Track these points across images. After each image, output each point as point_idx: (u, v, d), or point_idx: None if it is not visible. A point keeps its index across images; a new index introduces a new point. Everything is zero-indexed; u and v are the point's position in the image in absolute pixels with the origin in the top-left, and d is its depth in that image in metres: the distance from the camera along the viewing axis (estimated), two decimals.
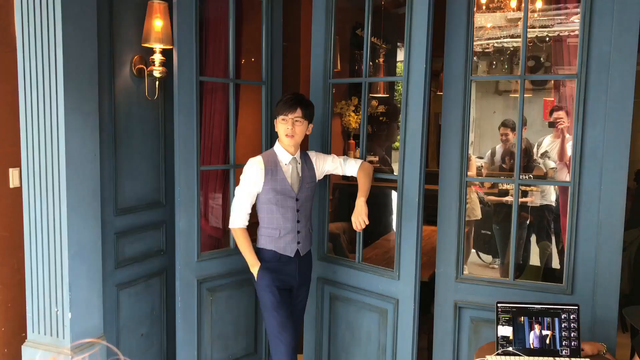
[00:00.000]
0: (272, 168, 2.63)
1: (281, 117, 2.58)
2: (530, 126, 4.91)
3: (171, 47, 2.92)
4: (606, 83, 2.39)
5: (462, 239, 2.72)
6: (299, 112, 2.58)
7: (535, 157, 4.16)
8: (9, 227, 2.98)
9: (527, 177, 4.01)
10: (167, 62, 2.99)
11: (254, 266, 2.67)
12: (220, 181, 3.41)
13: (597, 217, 2.45)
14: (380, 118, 6.15)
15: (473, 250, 4.53)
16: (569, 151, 2.60)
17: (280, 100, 2.64)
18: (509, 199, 4.24)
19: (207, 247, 3.30)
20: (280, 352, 2.61)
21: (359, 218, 2.54)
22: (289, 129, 2.59)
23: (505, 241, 4.24)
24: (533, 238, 4.24)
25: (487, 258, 4.57)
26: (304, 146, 2.81)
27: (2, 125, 2.92)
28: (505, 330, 2.30)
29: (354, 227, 2.58)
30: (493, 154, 4.48)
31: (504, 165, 4.30)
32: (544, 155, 4.14)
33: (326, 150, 3.01)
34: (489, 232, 4.47)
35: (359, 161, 2.82)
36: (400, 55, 6.19)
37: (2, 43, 2.91)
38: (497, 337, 2.30)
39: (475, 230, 4.49)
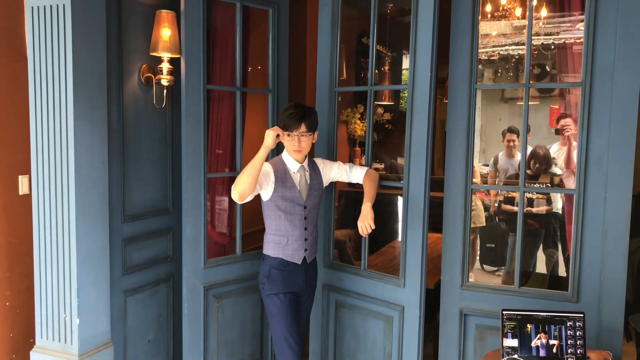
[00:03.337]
0: (282, 176, 2.64)
1: (286, 133, 2.59)
2: (536, 133, 4.90)
3: (179, 55, 2.95)
4: (611, 91, 2.40)
5: (468, 246, 2.72)
6: (303, 128, 2.58)
7: (549, 164, 4.13)
8: (18, 234, 3.01)
9: (536, 184, 4.01)
10: (174, 71, 3.03)
11: (268, 139, 2.46)
12: (227, 188, 3.43)
13: (602, 225, 2.45)
14: (386, 125, 6.17)
15: (478, 258, 4.52)
16: (575, 158, 2.60)
17: (284, 113, 2.61)
18: (514, 207, 4.23)
19: (214, 253, 3.32)
20: (286, 358, 2.62)
21: (365, 223, 2.54)
22: (296, 145, 2.60)
23: (511, 249, 4.23)
24: (540, 245, 4.22)
25: (493, 266, 4.55)
26: (310, 153, 2.83)
27: (12, 133, 2.97)
28: (511, 338, 2.30)
29: (360, 232, 2.58)
30: (496, 161, 4.47)
31: (519, 172, 4.27)
32: (552, 162, 4.14)
33: (332, 157, 3.03)
34: (495, 240, 4.46)
35: (365, 168, 2.84)
36: (406, 63, 6.22)
37: (13, 52, 2.96)
38: (503, 345, 2.30)
39: (480, 238, 4.48)
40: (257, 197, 2.65)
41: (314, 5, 3.31)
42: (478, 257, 4.48)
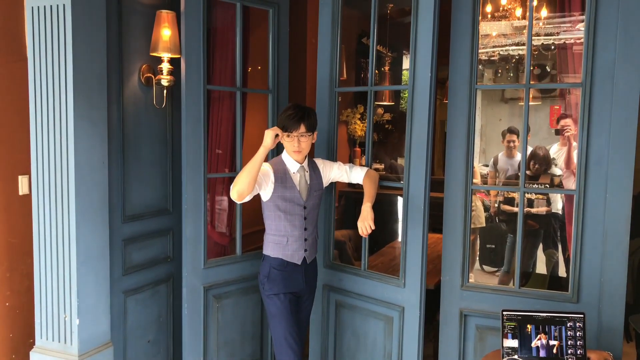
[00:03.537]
0: (282, 176, 2.64)
1: (286, 133, 2.59)
2: (536, 134, 4.90)
3: (179, 56, 2.95)
4: (611, 91, 2.40)
5: (468, 246, 2.72)
6: (303, 128, 2.58)
7: (549, 164, 4.13)
8: (18, 234, 3.01)
9: (537, 185, 4.00)
10: (174, 71, 3.03)
11: (267, 139, 2.47)
12: (227, 189, 3.43)
13: (602, 226, 2.45)
14: (386, 126, 6.18)
15: (478, 258, 4.52)
16: (576, 159, 2.60)
17: (283, 114, 2.61)
18: (513, 207, 4.23)
19: (214, 254, 3.32)
20: (286, 358, 2.62)
21: (365, 223, 2.54)
22: (296, 145, 2.60)
23: (511, 249, 4.23)
24: (539, 246, 4.22)
25: (493, 267, 4.55)
26: (310, 153, 2.82)
27: (12, 133, 2.97)
28: (511, 338, 2.30)
29: (360, 232, 2.58)
30: (495, 162, 4.46)
31: (518, 173, 4.27)
32: (552, 162, 4.14)
33: (332, 158, 3.03)
34: (495, 240, 4.46)
35: (365, 168, 2.84)
36: (406, 64, 6.22)
37: (12, 52, 2.96)
38: (503, 345, 2.30)
39: (480, 239, 4.48)
40: (257, 197, 2.65)
41: (314, 6, 3.31)
42: (478, 258, 4.48)
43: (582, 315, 2.28)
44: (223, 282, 3.17)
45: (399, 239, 2.91)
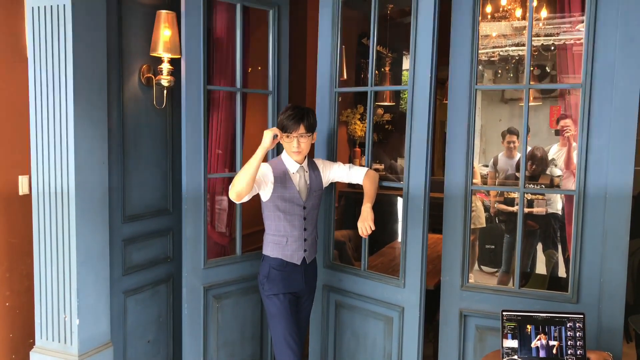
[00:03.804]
0: (281, 176, 2.64)
1: (285, 134, 2.59)
2: (536, 134, 4.90)
3: (179, 56, 2.96)
4: (611, 92, 2.39)
5: (468, 247, 2.72)
6: (302, 129, 2.58)
7: (546, 165, 4.14)
8: (18, 234, 3.01)
9: (534, 185, 4.01)
10: (175, 71, 3.03)
11: (266, 140, 2.47)
12: (227, 189, 3.42)
13: (602, 226, 2.45)
14: (386, 126, 6.18)
15: (478, 259, 4.52)
16: (575, 159, 2.60)
17: (282, 114, 2.61)
18: (514, 208, 4.23)
19: (214, 254, 3.32)
20: (286, 359, 2.62)
21: (365, 224, 2.55)
22: (295, 146, 2.60)
23: (511, 249, 4.23)
24: (539, 246, 4.22)
25: (493, 267, 4.55)
26: (310, 153, 2.82)
27: (12, 134, 2.97)
28: (511, 339, 2.30)
29: (360, 233, 2.58)
30: (495, 162, 4.46)
31: (517, 174, 4.28)
32: (551, 163, 4.14)
33: (332, 158, 3.03)
34: (495, 241, 4.46)
35: (365, 169, 2.84)
36: (406, 64, 6.22)
37: (13, 53, 2.96)
38: (502, 346, 2.30)
39: (480, 239, 4.48)
40: (257, 197, 2.65)
41: (314, 6, 3.31)
42: (477, 258, 4.48)
43: (582, 316, 2.28)
44: (223, 282, 3.17)
45: (399, 239, 2.92)
